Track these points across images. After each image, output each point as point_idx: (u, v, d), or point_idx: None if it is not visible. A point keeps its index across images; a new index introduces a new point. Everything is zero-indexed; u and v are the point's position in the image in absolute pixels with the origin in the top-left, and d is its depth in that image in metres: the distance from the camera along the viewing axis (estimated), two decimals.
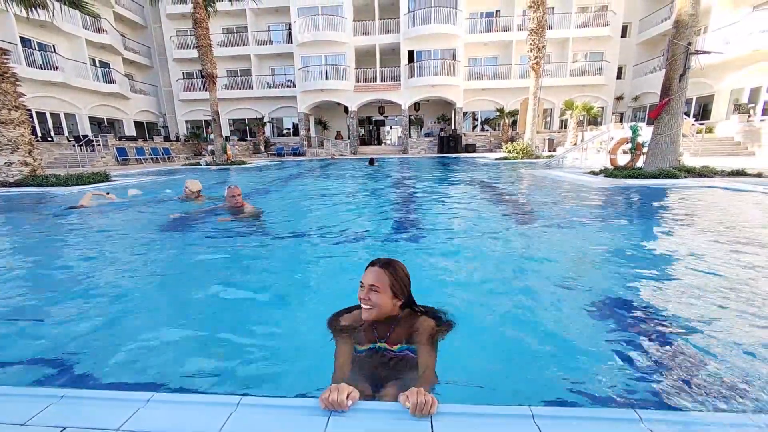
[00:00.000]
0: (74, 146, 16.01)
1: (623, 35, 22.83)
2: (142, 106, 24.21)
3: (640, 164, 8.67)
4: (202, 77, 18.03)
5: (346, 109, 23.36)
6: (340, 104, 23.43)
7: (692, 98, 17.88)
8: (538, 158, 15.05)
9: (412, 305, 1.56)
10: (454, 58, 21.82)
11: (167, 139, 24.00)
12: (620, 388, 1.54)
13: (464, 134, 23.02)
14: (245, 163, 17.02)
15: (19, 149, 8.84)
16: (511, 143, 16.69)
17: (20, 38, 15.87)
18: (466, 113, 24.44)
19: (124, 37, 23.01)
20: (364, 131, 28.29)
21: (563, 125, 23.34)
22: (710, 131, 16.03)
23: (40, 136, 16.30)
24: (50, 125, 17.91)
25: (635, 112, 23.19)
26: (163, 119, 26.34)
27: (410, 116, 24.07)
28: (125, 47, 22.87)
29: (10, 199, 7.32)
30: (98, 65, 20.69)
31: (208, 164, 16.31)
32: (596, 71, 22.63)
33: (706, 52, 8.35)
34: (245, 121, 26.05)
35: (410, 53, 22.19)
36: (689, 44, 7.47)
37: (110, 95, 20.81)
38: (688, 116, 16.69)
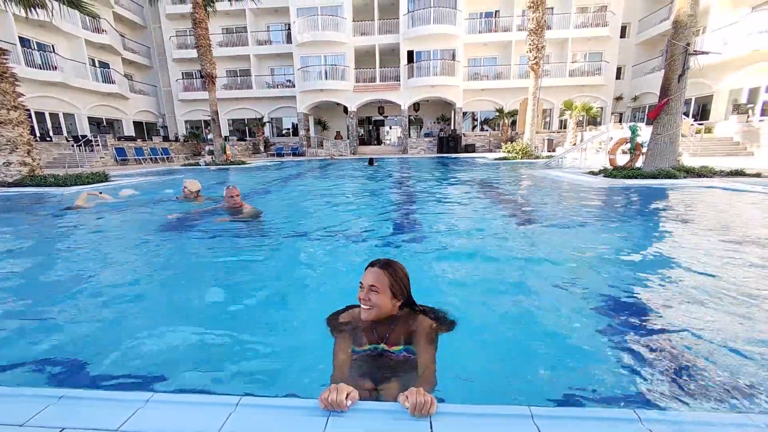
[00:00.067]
0: (73, 146, 15.97)
1: (622, 35, 22.85)
2: (141, 106, 24.19)
3: (639, 164, 8.68)
4: (201, 77, 18.01)
5: (345, 109, 23.37)
6: (339, 104, 23.43)
7: (691, 98, 17.93)
8: (537, 158, 15.07)
9: (411, 305, 1.57)
10: (453, 58, 21.83)
11: (166, 139, 23.96)
12: (620, 388, 1.54)
13: (464, 134, 23.04)
14: (244, 163, 16.99)
15: (17, 149, 8.83)
16: (510, 143, 16.71)
17: (19, 38, 15.85)
18: (465, 113, 24.45)
19: (123, 37, 23.00)
20: (363, 131, 28.28)
21: (562, 125, 23.37)
22: (709, 131, 16.06)
23: (38, 136, 16.27)
24: (49, 125, 17.88)
25: (634, 112, 23.22)
26: (162, 119, 26.31)
27: (410, 116, 24.07)
28: (124, 47, 22.85)
29: (8, 199, 7.30)
30: (97, 65, 20.68)
31: (207, 164, 16.28)
32: (595, 71, 22.65)
33: (704, 52, 8.36)
34: (245, 121, 26.04)
35: (410, 53, 22.19)
36: (688, 45, 7.49)
37: (109, 95, 20.79)
38: (687, 116, 16.69)
